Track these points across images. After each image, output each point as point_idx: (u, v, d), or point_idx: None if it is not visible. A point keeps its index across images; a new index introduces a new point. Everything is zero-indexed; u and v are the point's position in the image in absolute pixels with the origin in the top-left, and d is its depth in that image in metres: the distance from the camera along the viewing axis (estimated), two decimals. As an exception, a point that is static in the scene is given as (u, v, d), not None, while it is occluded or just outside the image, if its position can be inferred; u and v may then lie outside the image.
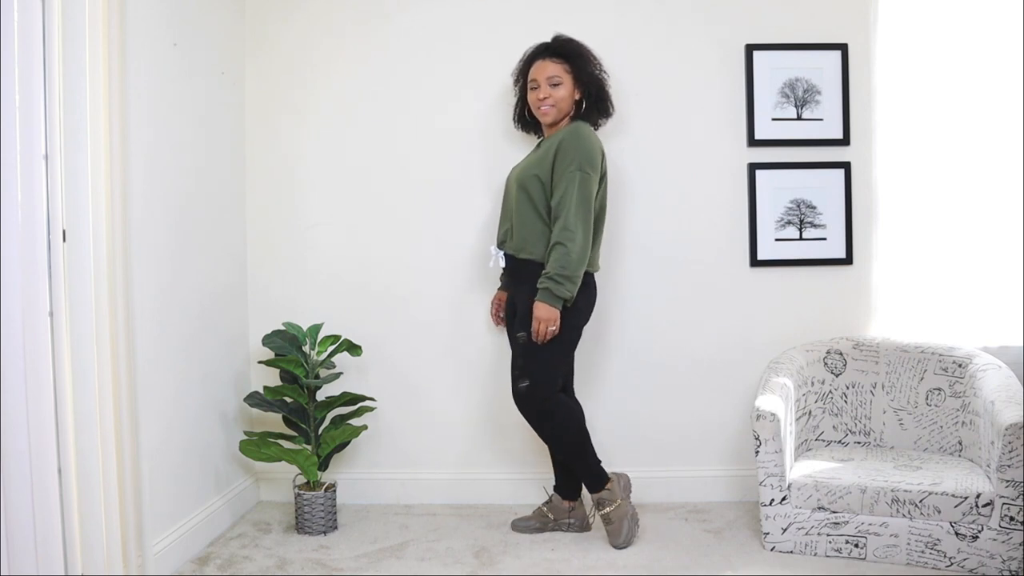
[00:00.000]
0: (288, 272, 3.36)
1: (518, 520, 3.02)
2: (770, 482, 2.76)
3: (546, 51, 2.92)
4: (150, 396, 2.53)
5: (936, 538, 2.62)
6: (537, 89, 2.88)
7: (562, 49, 2.91)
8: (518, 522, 3.02)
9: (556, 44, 2.93)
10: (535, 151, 2.99)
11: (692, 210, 3.29)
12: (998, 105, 3.23)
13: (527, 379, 2.80)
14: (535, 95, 2.89)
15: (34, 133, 2.09)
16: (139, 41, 2.46)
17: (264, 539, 2.96)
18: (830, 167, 3.28)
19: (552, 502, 3.02)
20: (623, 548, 2.82)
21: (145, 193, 2.55)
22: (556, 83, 2.86)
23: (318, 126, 3.34)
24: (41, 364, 2.12)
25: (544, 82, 2.87)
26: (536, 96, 2.88)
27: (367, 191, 3.34)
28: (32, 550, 2.13)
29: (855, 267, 3.30)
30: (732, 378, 3.30)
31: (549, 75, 2.87)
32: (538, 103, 2.88)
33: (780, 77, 3.27)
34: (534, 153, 2.98)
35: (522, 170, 2.89)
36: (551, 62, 2.88)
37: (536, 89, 2.89)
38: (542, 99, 2.87)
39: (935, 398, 3.03)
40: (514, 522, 3.03)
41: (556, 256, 2.71)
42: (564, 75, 2.87)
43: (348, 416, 3.12)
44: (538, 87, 2.88)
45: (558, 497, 3.02)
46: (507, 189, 2.99)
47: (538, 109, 2.90)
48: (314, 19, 3.33)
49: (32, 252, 2.11)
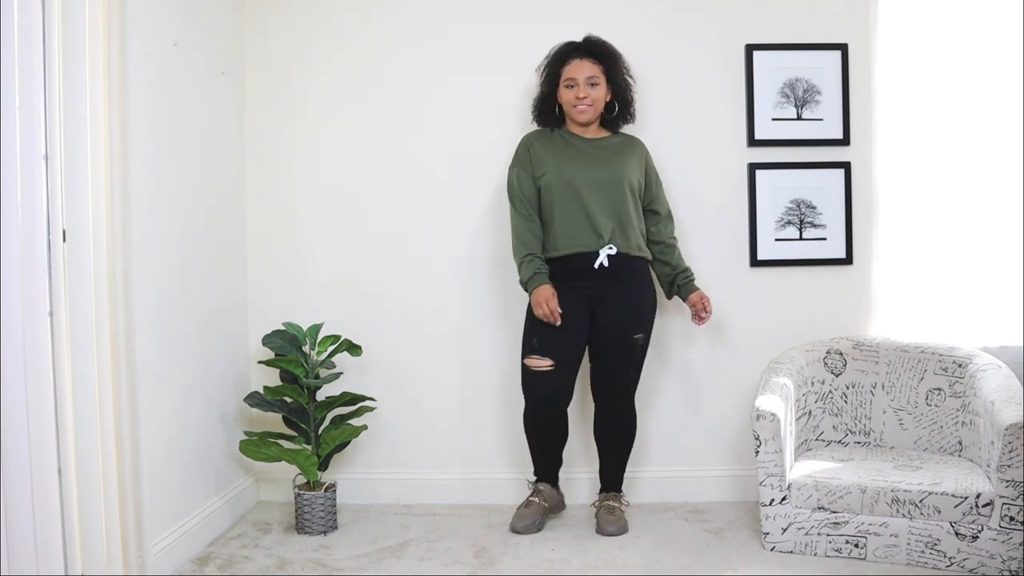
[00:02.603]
0: (288, 272, 3.36)
1: (517, 522, 2.98)
2: (770, 482, 2.76)
3: (581, 50, 2.94)
4: (150, 396, 2.53)
5: (936, 538, 2.62)
6: (575, 88, 2.91)
7: (598, 50, 2.95)
8: (518, 524, 2.98)
9: (592, 44, 2.96)
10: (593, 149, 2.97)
11: (692, 210, 3.29)
12: (998, 105, 3.22)
13: (637, 373, 2.99)
14: (572, 93, 2.92)
15: (34, 133, 2.09)
16: (139, 41, 2.46)
17: (264, 539, 2.96)
18: (830, 167, 3.28)
19: (544, 492, 3.04)
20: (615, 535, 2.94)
21: (145, 193, 2.54)
22: (595, 83, 2.92)
23: (318, 125, 3.34)
24: (41, 364, 2.12)
25: (583, 82, 2.90)
26: (574, 95, 2.91)
27: (367, 191, 3.34)
28: (32, 550, 2.13)
29: (855, 267, 3.30)
30: (732, 378, 3.30)
31: (588, 75, 2.91)
32: (576, 101, 2.91)
33: (780, 77, 3.27)
34: (599, 151, 2.96)
35: (617, 171, 2.91)
36: (589, 62, 2.92)
37: (574, 87, 2.91)
38: (581, 98, 2.91)
39: (935, 398, 3.03)
40: (516, 526, 2.98)
41: (681, 254, 3.04)
42: (600, 76, 2.92)
43: (348, 416, 3.12)
44: (576, 86, 2.91)
45: (549, 487, 3.06)
46: (599, 187, 2.90)
47: (574, 107, 2.93)
48: (314, 19, 3.33)
49: (32, 252, 2.11)
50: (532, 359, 2.89)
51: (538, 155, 2.97)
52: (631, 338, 2.94)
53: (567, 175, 2.91)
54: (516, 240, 2.96)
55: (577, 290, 2.90)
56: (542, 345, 2.88)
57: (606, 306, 2.92)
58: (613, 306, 2.91)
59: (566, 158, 2.94)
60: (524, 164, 2.99)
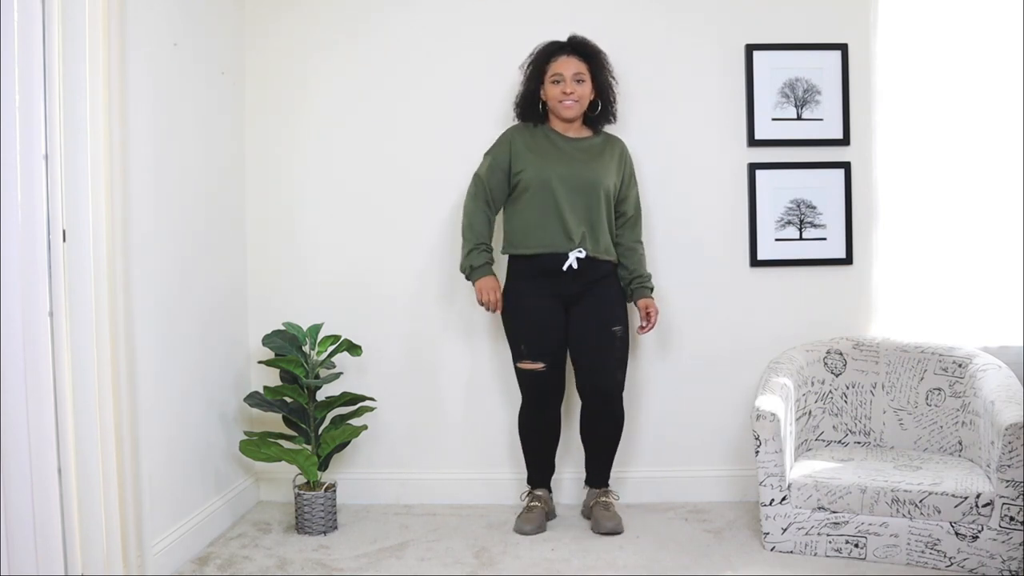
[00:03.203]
0: (288, 272, 3.36)
1: (525, 525, 2.97)
2: (770, 482, 2.76)
3: (567, 48, 2.97)
4: (150, 396, 2.53)
5: (936, 538, 2.62)
6: (562, 83, 2.92)
7: (584, 48, 2.98)
8: (525, 527, 2.96)
9: (577, 43, 2.99)
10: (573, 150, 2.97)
11: (692, 210, 3.29)
12: (998, 105, 3.22)
13: (623, 370, 2.99)
14: (559, 88, 2.93)
15: (34, 133, 2.09)
16: (139, 41, 2.46)
17: (264, 539, 2.96)
18: (830, 167, 3.28)
19: (543, 497, 3.08)
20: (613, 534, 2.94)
21: (145, 193, 2.54)
22: (581, 80, 2.94)
23: (318, 125, 3.34)
24: (41, 364, 2.12)
25: (570, 78, 2.92)
26: (561, 90, 2.92)
27: (367, 191, 3.34)
28: (32, 550, 2.13)
29: (855, 267, 3.30)
30: (732, 378, 3.30)
31: (575, 72, 2.93)
32: (563, 97, 2.93)
33: (780, 77, 3.27)
34: (579, 153, 2.97)
35: (595, 175, 2.92)
36: (575, 59, 2.94)
37: (560, 83, 2.93)
38: (568, 94, 2.92)
39: (935, 398, 3.03)
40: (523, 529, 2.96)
41: (644, 258, 3.05)
42: (586, 73, 2.95)
43: (348, 416, 3.12)
44: (563, 81, 2.92)
45: (546, 492, 3.10)
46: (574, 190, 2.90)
47: (560, 103, 2.94)
48: (314, 19, 3.33)
49: (32, 252, 2.11)
50: (525, 363, 2.95)
51: (518, 152, 2.97)
52: (610, 331, 2.94)
53: (545, 175, 2.92)
54: (468, 226, 2.99)
55: (548, 288, 2.93)
56: (530, 350, 2.94)
57: (580, 302, 2.95)
58: (587, 302, 2.94)
59: (546, 157, 2.95)
60: (499, 157, 2.99)
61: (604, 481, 3.10)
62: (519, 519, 3.02)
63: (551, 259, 2.91)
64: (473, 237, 2.97)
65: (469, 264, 2.96)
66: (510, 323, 3.00)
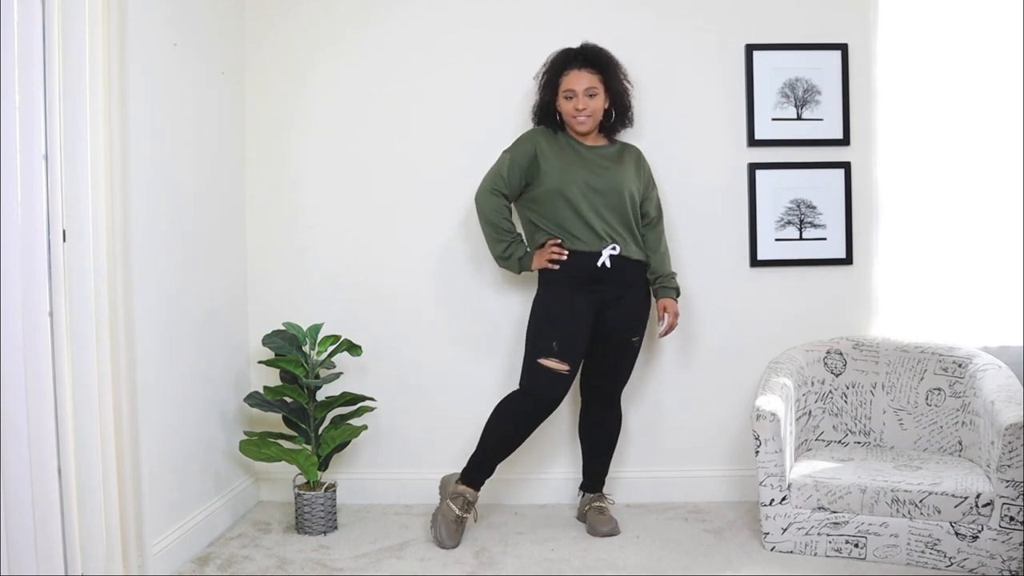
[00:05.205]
0: (288, 272, 3.36)
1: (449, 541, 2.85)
2: (770, 482, 2.76)
3: (579, 60, 2.93)
4: (150, 396, 2.52)
5: (936, 538, 2.62)
6: (574, 99, 2.90)
7: (595, 58, 2.94)
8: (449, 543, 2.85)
9: (589, 53, 2.95)
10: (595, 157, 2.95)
11: (692, 210, 3.29)
12: (999, 105, 3.23)
13: (629, 374, 3.02)
14: (571, 105, 2.91)
15: (34, 133, 2.10)
16: (139, 41, 2.46)
17: (264, 539, 2.96)
18: (830, 167, 3.28)
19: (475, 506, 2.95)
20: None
21: (145, 193, 2.54)
22: (593, 94, 2.91)
23: (318, 125, 3.34)
24: (41, 364, 2.12)
25: (582, 93, 2.89)
26: (574, 106, 2.90)
27: (367, 191, 3.34)
28: (32, 550, 2.14)
29: (855, 267, 3.30)
30: (732, 378, 3.30)
31: (587, 86, 2.89)
32: (576, 113, 2.91)
33: (780, 77, 3.27)
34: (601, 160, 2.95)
35: (618, 180, 2.91)
36: (587, 72, 2.91)
37: (573, 99, 2.90)
38: (580, 110, 2.90)
39: (935, 398, 3.03)
40: (446, 544, 2.85)
41: (668, 256, 3.02)
42: (599, 85, 2.92)
43: (348, 416, 3.12)
44: (575, 97, 2.90)
45: (476, 497, 2.96)
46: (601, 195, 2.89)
47: (574, 118, 2.92)
48: (314, 18, 3.33)
49: (32, 252, 2.11)
50: (551, 361, 2.84)
51: (544, 153, 2.94)
52: (631, 340, 2.97)
53: (570, 179, 2.89)
54: (497, 221, 2.93)
55: (584, 293, 2.88)
56: (562, 349, 2.84)
57: (612, 309, 2.92)
58: (619, 309, 2.92)
59: (570, 163, 2.93)
60: (522, 156, 2.94)
61: (599, 486, 3.10)
62: (444, 529, 2.86)
63: (585, 257, 2.87)
64: (508, 233, 2.94)
65: (516, 257, 2.94)
66: (543, 320, 2.90)
